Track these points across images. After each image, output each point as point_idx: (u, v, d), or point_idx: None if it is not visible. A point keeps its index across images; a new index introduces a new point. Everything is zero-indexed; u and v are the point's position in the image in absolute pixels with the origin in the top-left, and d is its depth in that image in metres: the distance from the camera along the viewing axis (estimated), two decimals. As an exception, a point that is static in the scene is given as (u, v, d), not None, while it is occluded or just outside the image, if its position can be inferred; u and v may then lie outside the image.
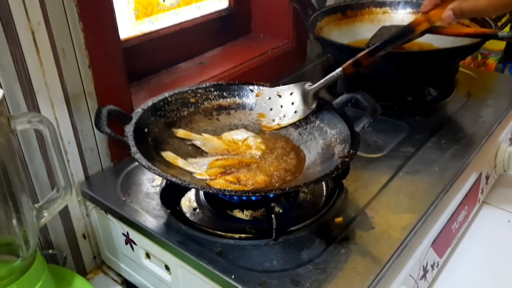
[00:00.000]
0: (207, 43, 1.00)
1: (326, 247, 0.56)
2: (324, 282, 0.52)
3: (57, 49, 0.61)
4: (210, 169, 0.62)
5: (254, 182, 0.59)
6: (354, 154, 0.58)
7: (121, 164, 0.74)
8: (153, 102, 0.68)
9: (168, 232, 0.59)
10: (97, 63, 0.66)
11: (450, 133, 0.79)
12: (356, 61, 0.63)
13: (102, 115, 0.60)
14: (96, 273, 0.76)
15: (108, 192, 0.67)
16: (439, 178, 0.67)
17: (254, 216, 0.64)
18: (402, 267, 0.60)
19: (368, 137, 0.78)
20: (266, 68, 0.98)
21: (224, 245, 0.57)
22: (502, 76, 1.02)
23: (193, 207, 0.66)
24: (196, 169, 0.62)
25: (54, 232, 0.69)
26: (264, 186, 0.59)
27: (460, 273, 0.72)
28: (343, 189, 0.66)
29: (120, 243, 0.68)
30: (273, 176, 0.62)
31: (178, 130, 0.68)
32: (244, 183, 0.59)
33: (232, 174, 0.61)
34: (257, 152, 0.67)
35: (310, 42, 1.10)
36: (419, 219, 0.60)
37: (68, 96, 0.64)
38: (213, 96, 0.74)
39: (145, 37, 0.87)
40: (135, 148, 0.57)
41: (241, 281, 0.52)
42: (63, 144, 0.66)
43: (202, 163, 0.64)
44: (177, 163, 0.62)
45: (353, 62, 0.64)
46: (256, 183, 0.59)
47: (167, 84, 0.86)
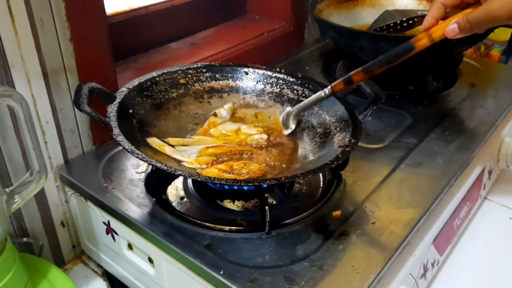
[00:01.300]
0: (200, 23, 0.95)
1: (323, 242, 0.52)
2: (321, 280, 0.48)
3: (34, 19, 0.56)
4: (200, 157, 0.57)
5: (249, 170, 0.55)
6: (356, 143, 0.54)
7: (103, 147, 0.69)
8: (140, 81, 0.63)
9: (152, 222, 0.55)
10: (79, 36, 0.61)
11: (454, 124, 0.75)
12: (349, 78, 0.56)
13: (82, 92, 0.55)
14: (75, 263, 0.71)
15: (89, 178, 0.63)
16: (443, 172, 0.64)
17: (246, 207, 0.60)
18: (402, 265, 0.56)
19: (369, 126, 0.74)
20: (261, 51, 0.94)
21: (213, 237, 0.53)
22: (506, 68, 0.99)
23: (180, 196, 0.61)
24: (185, 157, 0.57)
25: (30, 219, 0.64)
26: (260, 175, 0.55)
27: (459, 272, 0.68)
28: (342, 181, 0.62)
29: (101, 233, 0.63)
30: (269, 165, 0.57)
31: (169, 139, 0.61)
32: (238, 172, 0.54)
33: (224, 163, 0.56)
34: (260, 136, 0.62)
35: (308, 25, 1.05)
36: (423, 214, 0.57)
37: (47, 71, 0.59)
38: (204, 77, 0.69)
39: (133, 13, 0.82)
40: (118, 130, 0.52)
41: (230, 277, 0.48)
42: (41, 124, 0.61)
43: (191, 150, 0.59)
44: (164, 150, 0.57)
45: (344, 80, 0.56)
46: (251, 172, 0.54)
47: (155, 64, 0.81)
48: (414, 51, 0.53)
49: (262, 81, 0.70)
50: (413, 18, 0.88)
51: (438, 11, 0.53)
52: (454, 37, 0.51)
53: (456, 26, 0.51)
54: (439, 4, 0.53)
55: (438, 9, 0.53)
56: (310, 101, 0.60)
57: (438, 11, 0.53)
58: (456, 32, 0.51)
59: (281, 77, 0.69)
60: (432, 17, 0.53)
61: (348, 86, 0.56)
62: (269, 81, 0.69)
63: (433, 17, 0.53)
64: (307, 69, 0.94)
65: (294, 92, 0.68)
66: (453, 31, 0.51)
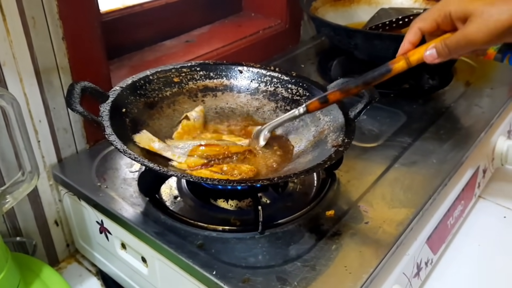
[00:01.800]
0: (194, 20, 0.94)
1: (316, 242, 0.52)
2: (313, 281, 0.48)
3: (26, 17, 0.55)
4: (190, 157, 0.57)
5: (240, 171, 0.55)
6: (349, 143, 0.54)
7: (97, 146, 0.68)
8: (133, 80, 0.63)
9: (145, 222, 0.55)
10: (72, 34, 0.60)
11: (449, 123, 0.75)
12: (325, 97, 0.56)
13: (74, 91, 0.54)
14: (69, 262, 0.71)
15: (82, 177, 0.62)
16: (437, 171, 0.64)
17: (240, 206, 0.60)
18: (395, 264, 0.56)
19: (363, 125, 0.74)
20: (256, 49, 0.93)
21: (206, 237, 0.53)
22: (502, 66, 0.99)
23: (174, 195, 0.61)
24: (175, 158, 0.57)
25: (23, 218, 0.64)
26: (252, 176, 0.54)
27: (453, 271, 0.68)
28: (335, 180, 0.62)
29: (94, 232, 0.63)
30: (261, 165, 0.57)
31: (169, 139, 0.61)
32: (230, 173, 0.54)
33: (215, 166, 0.56)
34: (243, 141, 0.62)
35: (304, 23, 1.05)
36: (416, 214, 0.57)
37: (39, 69, 0.59)
38: (198, 76, 0.69)
39: (128, 11, 0.81)
40: (110, 129, 0.52)
41: (222, 277, 0.48)
42: (33, 123, 0.61)
43: (183, 146, 0.58)
44: (152, 147, 0.56)
45: (320, 99, 0.56)
46: (243, 172, 0.54)
47: (150, 62, 0.80)
48: (391, 73, 0.52)
49: (256, 80, 0.69)
50: (408, 16, 0.88)
51: (415, 36, 0.52)
52: (432, 62, 0.51)
53: (434, 51, 0.50)
54: (416, 29, 0.52)
55: (414, 35, 0.52)
56: (282, 119, 0.59)
57: (415, 36, 0.52)
58: (434, 57, 0.50)
59: (276, 75, 0.69)
60: (408, 42, 0.53)
61: (323, 104, 0.57)
62: (263, 80, 0.69)
63: (409, 42, 0.52)
64: (303, 67, 0.94)
65: (288, 91, 0.67)
66: (431, 56, 0.50)
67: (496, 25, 0.46)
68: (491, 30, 0.46)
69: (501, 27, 0.46)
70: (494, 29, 0.46)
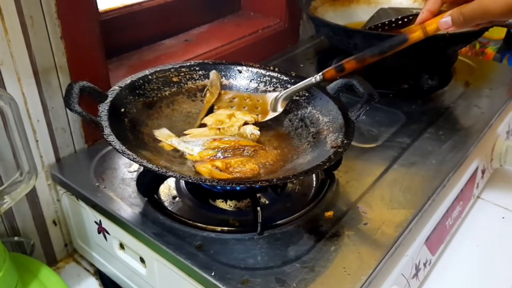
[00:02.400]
0: (193, 20, 0.94)
1: (314, 243, 0.52)
2: (312, 282, 0.48)
3: (24, 17, 0.55)
4: (204, 150, 0.57)
5: (241, 170, 0.54)
6: (348, 144, 0.54)
7: (96, 146, 0.68)
8: (132, 79, 0.63)
9: (143, 223, 0.55)
10: (70, 34, 0.60)
11: (448, 124, 0.75)
12: (340, 66, 0.56)
13: (73, 91, 0.54)
14: (67, 262, 0.71)
15: (80, 177, 0.62)
16: (436, 172, 0.63)
17: (239, 207, 0.60)
18: (394, 266, 0.56)
19: (362, 125, 0.74)
20: (255, 49, 0.93)
21: (205, 238, 0.53)
22: (501, 66, 0.99)
23: (172, 195, 0.61)
24: (189, 150, 0.57)
25: (21, 218, 0.63)
26: (251, 176, 0.54)
27: (452, 271, 0.69)
28: (334, 181, 0.62)
29: (93, 232, 0.63)
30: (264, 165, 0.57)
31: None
32: (232, 170, 0.54)
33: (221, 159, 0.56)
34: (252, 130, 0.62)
35: (303, 23, 1.05)
36: (415, 215, 0.56)
37: (37, 69, 0.58)
38: (197, 75, 0.68)
39: (127, 10, 0.81)
40: (109, 130, 0.52)
41: (221, 278, 0.48)
42: (32, 123, 0.60)
43: (196, 142, 0.58)
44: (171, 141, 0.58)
45: (336, 67, 0.56)
46: (242, 172, 0.54)
47: (149, 61, 0.80)
48: (407, 42, 0.53)
49: (255, 80, 0.69)
50: (408, 16, 0.88)
51: (434, 5, 0.53)
52: (447, 30, 0.51)
53: (449, 19, 0.50)
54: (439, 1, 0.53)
55: (434, 3, 0.53)
56: (299, 86, 0.60)
57: (435, 5, 0.53)
58: (449, 25, 0.50)
59: (275, 75, 0.69)
60: (427, 10, 0.53)
61: (339, 73, 0.56)
62: (262, 80, 0.69)
63: (428, 10, 0.53)
64: (302, 67, 0.93)
65: (287, 91, 0.67)
66: (446, 23, 0.50)
67: None
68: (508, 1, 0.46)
69: None
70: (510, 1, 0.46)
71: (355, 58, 0.55)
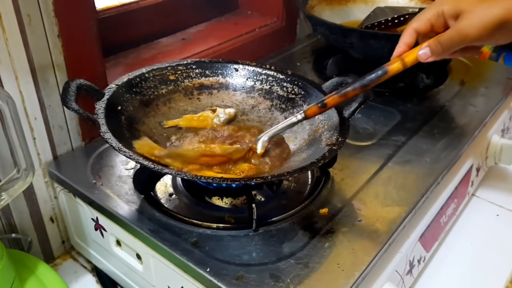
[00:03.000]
0: (191, 18, 0.94)
1: (309, 240, 0.53)
2: (306, 278, 0.48)
3: (22, 15, 0.55)
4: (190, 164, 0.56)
5: (242, 170, 0.55)
6: (343, 142, 0.55)
7: (93, 143, 0.69)
8: (129, 77, 0.63)
9: (140, 219, 0.55)
10: (67, 32, 0.60)
11: (442, 122, 0.75)
12: (323, 102, 0.55)
13: (70, 89, 0.54)
14: (64, 259, 0.71)
15: (77, 174, 0.63)
16: (430, 170, 0.64)
17: (234, 204, 0.60)
18: (388, 262, 0.57)
19: (358, 124, 0.74)
20: (253, 47, 0.93)
21: (200, 235, 0.53)
22: (497, 65, 0.99)
23: (169, 192, 0.61)
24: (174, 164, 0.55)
25: (19, 215, 0.64)
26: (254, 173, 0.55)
27: (446, 268, 0.69)
28: (330, 178, 0.62)
29: (90, 229, 0.63)
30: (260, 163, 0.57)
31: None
32: (232, 172, 0.54)
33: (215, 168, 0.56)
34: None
35: (300, 21, 1.05)
36: (408, 212, 0.57)
37: (35, 67, 0.59)
38: (194, 74, 0.69)
39: (124, 8, 0.81)
40: (105, 127, 0.52)
41: (216, 274, 0.48)
42: (29, 121, 0.61)
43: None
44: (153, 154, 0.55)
45: (318, 103, 0.56)
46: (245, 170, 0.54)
47: (146, 60, 0.80)
48: (387, 75, 0.53)
49: (252, 78, 0.70)
50: (404, 15, 0.88)
51: (410, 38, 0.53)
52: (425, 61, 0.51)
53: (428, 50, 0.50)
54: (411, 31, 0.53)
55: (410, 36, 0.53)
56: (281, 127, 0.58)
57: (410, 38, 0.53)
58: (428, 55, 0.51)
59: (271, 74, 0.69)
60: (404, 44, 0.53)
61: (322, 109, 0.56)
62: (259, 78, 0.70)
63: (405, 44, 0.53)
64: (299, 65, 0.94)
65: (283, 89, 0.68)
66: (425, 54, 0.51)
67: (488, 19, 0.46)
68: (484, 23, 0.47)
69: (492, 21, 0.46)
70: (486, 22, 0.47)
71: (336, 93, 0.55)
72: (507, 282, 0.67)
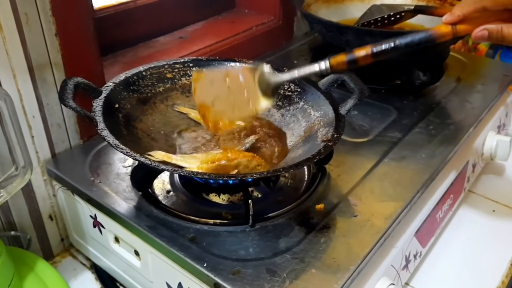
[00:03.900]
0: (188, 17, 0.95)
1: (305, 235, 0.53)
2: (302, 273, 0.49)
3: (19, 14, 0.56)
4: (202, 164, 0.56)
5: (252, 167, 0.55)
6: (338, 138, 0.55)
7: (91, 141, 0.69)
8: (126, 76, 0.64)
9: (137, 216, 0.56)
10: (65, 31, 0.61)
11: (438, 118, 0.76)
12: (354, 60, 0.50)
13: (67, 87, 0.55)
14: (64, 256, 0.72)
15: (76, 172, 0.63)
16: (425, 165, 0.65)
17: (231, 200, 0.61)
18: (384, 257, 0.57)
19: (354, 120, 0.75)
20: (250, 45, 0.94)
21: (197, 230, 0.54)
22: (493, 62, 0.99)
23: (166, 189, 0.62)
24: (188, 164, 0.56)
25: (18, 212, 0.64)
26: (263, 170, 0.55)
27: (443, 263, 0.70)
28: (326, 175, 0.63)
29: (88, 226, 0.64)
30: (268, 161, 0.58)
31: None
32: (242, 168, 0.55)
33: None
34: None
35: (297, 19, 1.06)
36: (404, 207, 0.58)
37: (32, 66, 0.59)
38: (191, 72, 0.69)
39: (122, 7, 0.82)
40: (103, 125, 0.53)
41: (213, 269, 0.49)
42: (27, 119, 0.61)
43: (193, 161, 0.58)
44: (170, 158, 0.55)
45: (348, 61, 0.51)
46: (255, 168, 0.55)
47: (143, 58, 0.81)
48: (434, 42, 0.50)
49: (248, 76, 0.70)
50: (400, 12, 0.89)
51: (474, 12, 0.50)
52: (478, 41, 0.50)
53: (486, 33, 0.49)
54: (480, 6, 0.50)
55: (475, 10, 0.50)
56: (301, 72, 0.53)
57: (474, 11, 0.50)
58: (484, 39, 0.49)
59: (268, 71, 0.69)
60: (461, 12, 0.50)
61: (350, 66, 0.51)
62: (255, 76, 0.70)
63: (462, 12, 0.50)
64: (296, 63, 0.94)
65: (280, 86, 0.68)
66: (482, 37, 0.49)
67: None
68: None
69: None
70: None
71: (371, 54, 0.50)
72: (503, 277, 0.68)
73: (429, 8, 0.88)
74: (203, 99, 0.55)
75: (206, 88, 0.55)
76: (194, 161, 0.56)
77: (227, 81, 0.54)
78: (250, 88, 0.54)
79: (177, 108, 0.66)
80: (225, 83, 0.54)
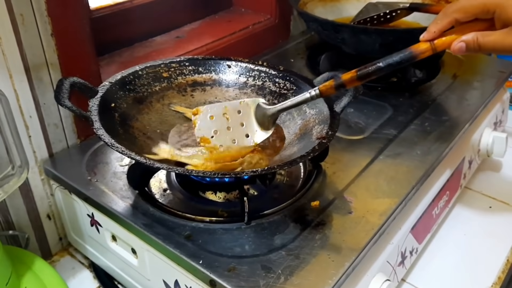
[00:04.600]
0: (185, 16, 0.95)
1: (300, 232, 0.54)
2: (297, 269, 0.49)
3: (14, 14, 0.56)
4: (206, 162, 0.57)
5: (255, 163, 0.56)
6: (333, 135, 0.55)
7: (88, 141, 0.69)
8: (122, 75, 0.64)
9: (134, 214, 0.56)
10: (61, 31, 0.61)
11: (434, 115, 0.76)
12: (341, 84, 0.52)
13: (63, 87, 0.55)
14: (62, 255, 0.72)
15: (73, 171, 0.63)
16: (420, 162, 0.65)
17: (228, 198, 0.61)
18: (379, 253, 0.57)
19: (350, 118, 0.75)
20: (247, 44, 0.94)
21: (193, 228, 0.54)
22: (489, 59, 0.99)
23: (163, 188, 0.62)
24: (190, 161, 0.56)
25: (15, 212, 0.65)
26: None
27: (439, 260, 0.70)
28: (321, 172, 0.63)
29: (86, 225, 0.64)
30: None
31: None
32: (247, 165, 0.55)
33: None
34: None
35: (294, 18, 1.06)
36: (399, 204, 0.58)
37: (29, 66, 0.60)
38: (187, 71, 0.70)
39: (118, 7, 0.82)
40: (99, 124, 0.53)
41: (209, 266, 0.49)
42: (24, 119, 0.62)
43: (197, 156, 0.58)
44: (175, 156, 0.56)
45: (336, 85, 0.53)
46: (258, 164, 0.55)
47: (140, 58, 0.81)
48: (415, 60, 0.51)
49: (244, 74, 0.71)
50: (396, 10, 0.89)
51: (448, 26, 0.51)
52: (457, 54, 0.50)
53: (464, 46, 0.49)
54: (452, 20, 0.50)
55: (448, 24, 0.51)
56: (293, 101, 0.56)
57: (448, 25, 0.51)
58: (462, 51, 0.49)
59: (263, 70, 0.70)
60: (439, 31, 0.51)
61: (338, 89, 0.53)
62: (251, 74, 0.70)
63: (440, 31, 0.51)
64: (292, 62, 0.95)
65: (276, 85, 0.69)
66: (460, 49, 0.49)
67: None
68: None
69: None
70: None
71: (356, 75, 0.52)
72: (499, 273, 0.68)
73: (425, 6, 0.88)
74: (203, 133, 0.58)
75: (206, 122, 0.58)
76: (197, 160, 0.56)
77: (226, 115, 0.58)
78: (249, 121, 0.58)
79: (174, 107, 0.66)
80: (224, 117, 0.58)
